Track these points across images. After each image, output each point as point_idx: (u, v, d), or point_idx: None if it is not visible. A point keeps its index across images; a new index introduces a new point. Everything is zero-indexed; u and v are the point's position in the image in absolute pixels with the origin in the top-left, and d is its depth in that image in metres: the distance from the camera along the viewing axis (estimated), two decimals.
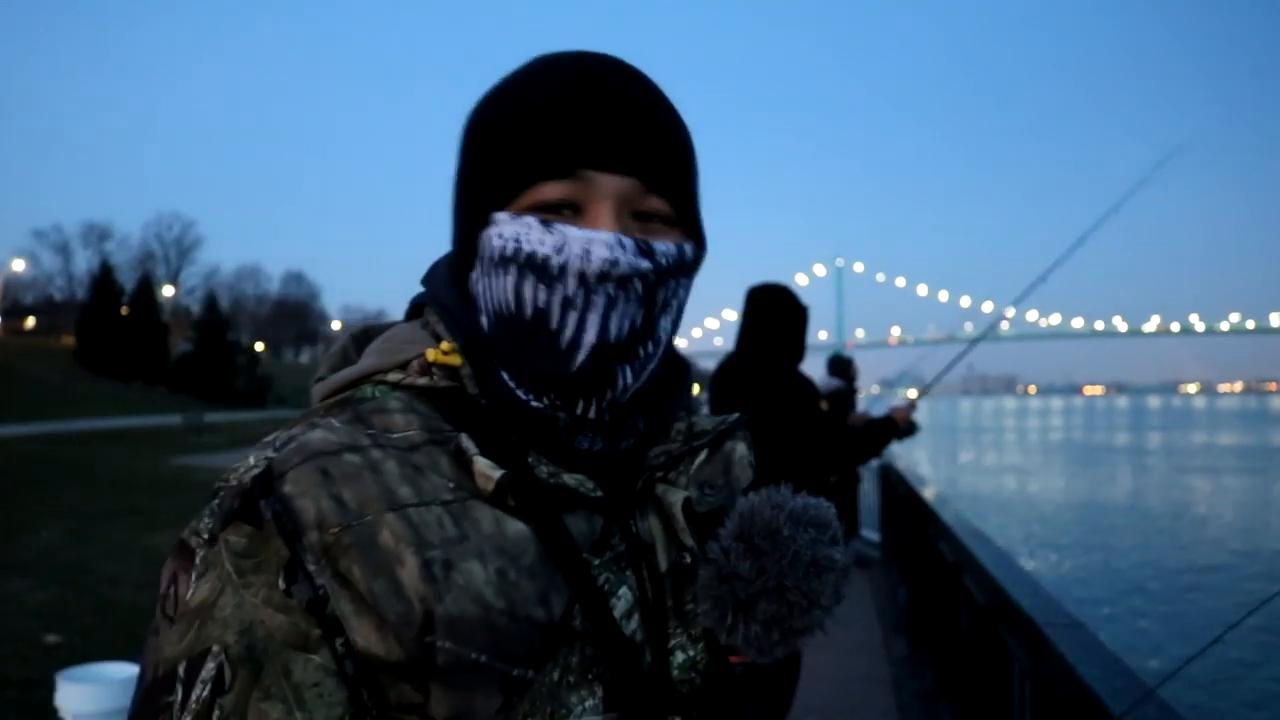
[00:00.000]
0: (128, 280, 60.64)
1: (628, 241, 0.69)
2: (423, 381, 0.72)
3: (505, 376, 0.72)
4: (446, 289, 0.77)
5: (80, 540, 9.44)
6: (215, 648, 0.61)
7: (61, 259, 74.69)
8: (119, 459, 19.75)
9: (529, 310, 0.69)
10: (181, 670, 0.61)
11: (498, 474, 0.66)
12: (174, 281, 78.46)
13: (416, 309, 0.81)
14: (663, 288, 0.72)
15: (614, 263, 0.68)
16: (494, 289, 0.71)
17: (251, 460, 0.66)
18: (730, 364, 3.40)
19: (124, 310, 55.23)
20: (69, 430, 29.16)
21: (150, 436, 28.78)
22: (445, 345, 0.73)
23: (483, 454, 0.68)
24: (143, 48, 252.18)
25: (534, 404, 0.71)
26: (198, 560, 0.63)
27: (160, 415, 39.25)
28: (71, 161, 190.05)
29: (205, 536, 0.64)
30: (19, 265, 71.18)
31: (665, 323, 0.74)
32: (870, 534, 9.04)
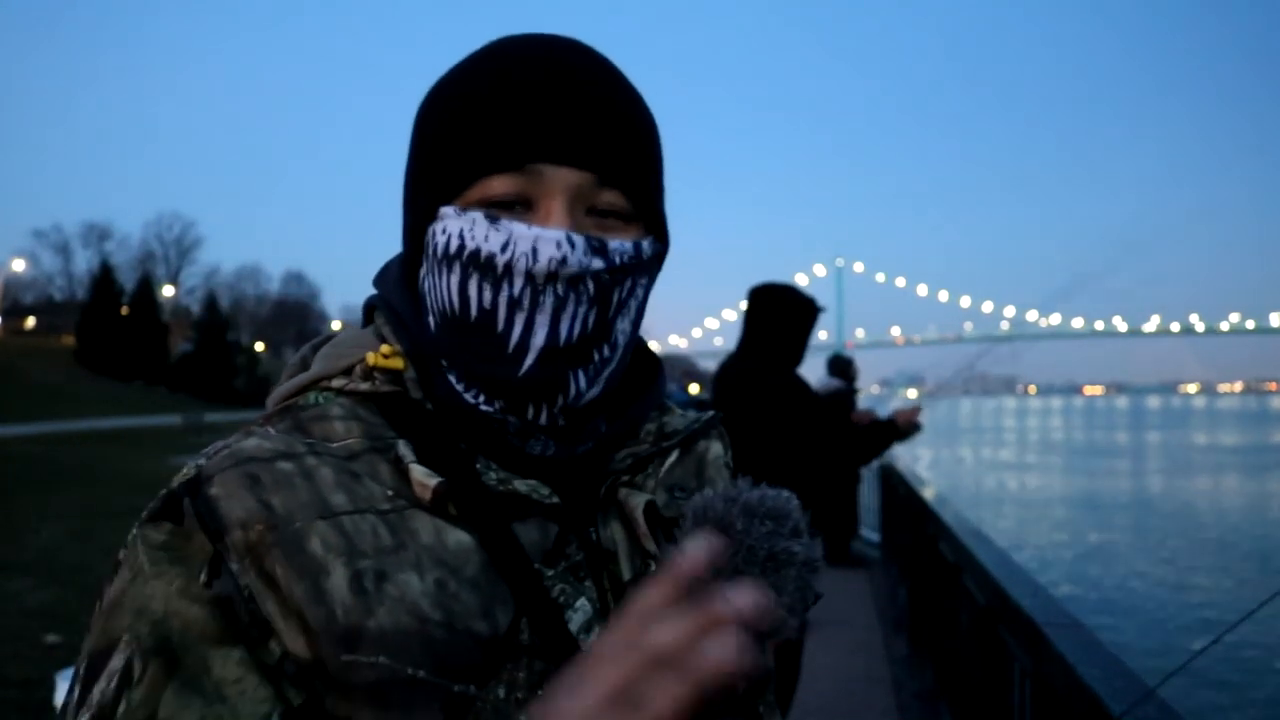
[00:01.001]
0: (128, 280, 60.73)
1: (578, 239, 0.65)
2: (365, 387, 0.69)
3: (453, 379, 0.69)
4: (396, 289, 0.74)
5: (80, 540, 9.42)
6: (125, 638, 0.58)
7: (61, 259, 74.80)
8: (119, 459, 19.74)
9: (474, 311, 0.66)
10: (83, 668, 0.59)
11: (434, 481, 0.63)
12: (174, 281, 78.43)
13: (370, 311, 0.77)
14: (618, 288, 0.68)
15: (562, 261, 0.64)
16: (440, 288, 0.68)
17: (185, 470, 0.64)
18: (730, 365, 3.39)
19: (124, 310, 55.29)
20: (69, 430, 29.14)
21: (150, 436, 28.76)
22: (386, 348, 0.71)
23: (426, 461, 0.65)
24: (143, 47, 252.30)
25: (484, 408, 0.68)
26: (118, 565, 0.62)
27: (160, 415, 39.23)
28: (71, 161, 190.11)
29: (129, 540, 0.62)
30: (19, 265, 71.19)
31: (623, 324, 0.70)
32: (870, 534, 9.05)
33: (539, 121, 0.65)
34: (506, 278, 0.65)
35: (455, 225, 0.66)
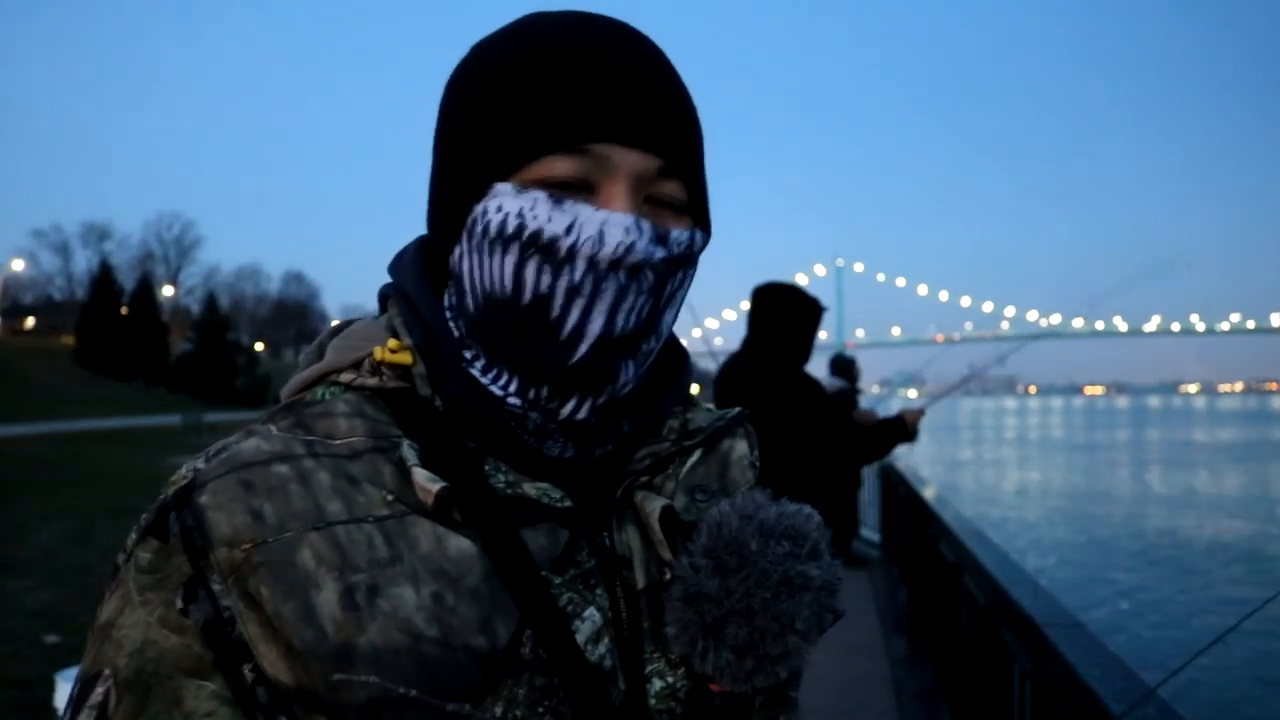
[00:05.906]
0: (128, 280, 60.88)
1: (645, 226, 0.62)
2: (372, 382, 0.66)
3: (478, 370, 0.66)
4: (413, 277, 0.70)
5: (80, 540, 9.44)
6: (106, 670, 0.58)
7: (61, 259, 74.89)
8: (119, 459, 19.75)
9: (528, 295, 0.62)
10: (74, 692, 0.59)
11: (437, 486, 0.59)
12: (174, 281, 78.52)
13: (385, 300, 0.73)
14: (671, 279, 0.65)
15: (629, 248, 0.61)
16: (487, 269, 0.63)
17: (183, 470, 0.62)
18: (734, 364, 3.37)
19: (124, 310, 55.34)
20: (69, 430, 29.16)
21: (150, 436, 28.77)
22: (393, 343, 0.66)
23: (431, 462, 0.61)
24: (143, 46, 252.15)
25: (512, 400, 0.65)
26: (116, 577, 0.61)
27: (160, 415, 39.24)
28: (71, 161, 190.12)
29: (126, 552, 0.61)
30: (19, 265, 71.29)
31: (669, 316, 0.67)
32: (870, 534, 9.04)
33: (608, 101, 0.62)
34: (568, 262, 0.61)
35: (513, 204, 0.62)
